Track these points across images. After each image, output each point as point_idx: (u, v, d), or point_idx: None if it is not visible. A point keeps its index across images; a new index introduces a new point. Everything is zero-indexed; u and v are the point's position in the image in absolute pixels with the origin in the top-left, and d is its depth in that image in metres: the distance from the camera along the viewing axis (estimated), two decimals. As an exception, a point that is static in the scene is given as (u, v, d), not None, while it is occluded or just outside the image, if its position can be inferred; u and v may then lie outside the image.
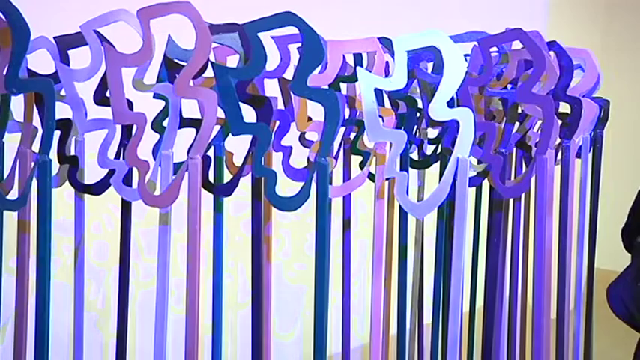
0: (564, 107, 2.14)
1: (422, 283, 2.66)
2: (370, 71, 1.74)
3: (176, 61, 1.76)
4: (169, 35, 1.73)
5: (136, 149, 1.70)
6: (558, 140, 2.21)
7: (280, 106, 2.01)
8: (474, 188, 2.59)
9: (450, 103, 2.08)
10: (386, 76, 1.76)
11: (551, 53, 2.10)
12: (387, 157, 1.82)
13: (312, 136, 2.11)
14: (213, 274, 2.07)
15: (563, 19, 5.15)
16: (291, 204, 1.63)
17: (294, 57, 1.80)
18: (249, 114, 1.70)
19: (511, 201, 2.42)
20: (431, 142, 2.44)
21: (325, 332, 1.65)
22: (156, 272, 1.70)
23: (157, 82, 1.76)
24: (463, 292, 2.74)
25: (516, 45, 2.03)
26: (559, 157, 2.28)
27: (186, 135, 1.80)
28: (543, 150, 1.91)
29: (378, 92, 2.20)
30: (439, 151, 2.37)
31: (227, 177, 1.98)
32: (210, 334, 2.10)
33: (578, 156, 2.53)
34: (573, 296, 2.53)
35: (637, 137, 5.13)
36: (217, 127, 1.96)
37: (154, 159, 1.77)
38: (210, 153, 1.98)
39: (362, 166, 2.17)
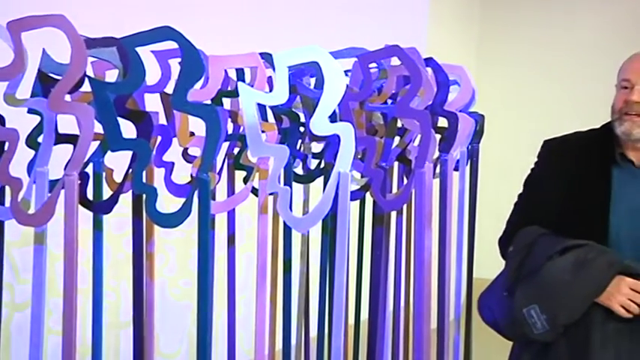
0: (444, 122, 2.21)
1: (308, 296, 2.67)
2: (252, 86, 1.74)
3: (51, 75, 1.70)
4: (44, 49, 1.68)
5: (8, 166, 1.63)
6: (438, 154, 2.28)
7: (163, 121, 1.98)
8: (357, 202, 2.64)
9: (333, 118, 2.12)
10: (270, 91, 1.76)
11: (429, 69, 2.17)
12: (269, 171, 1.82)
13: (196, 151, 2.09)
14: (93, 293, 2.01)
15: (441, 37, 5.33)
16: (172, 220, 1.60)
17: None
18: (129, 129, 1.67)
19: (394, 215, 2.47)
20: (315, 156, 2.47)
21: (209, 349, 1.63)
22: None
23: (31, 96, 1.70)
24: (348, 305, 2.78)
25: (396, 61, 2.09)
26: (438, 170, 2.35)
27: (63, 151, 1.75)
28: (421, 163, 1.96)
29: (262, 107, 2.20)
30: (323, 165, 2.39)
31: (108, 194, 1.93)
32: (90, 355, 2.03)
33: (456, 169, 2.61)
34: (453, 306, 2.60)
35: (511, 150, 5.35)
36: (96, 143, 1.91)
37: (29, 176, 1.71)
38: (89, 169, 1.93)
39: (246, 180, 2.17)
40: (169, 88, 1.80)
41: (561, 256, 1.90)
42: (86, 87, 1.64)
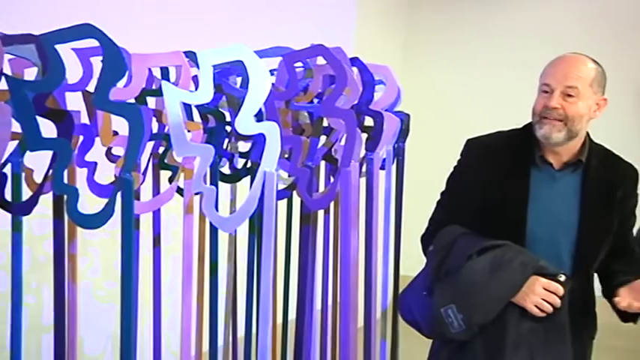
0: (370, 121, 2.22)
1: (235, 296, 2.66)
2: (177, 85, 1.72)
3: (-35, 73, 1.65)
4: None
5: None
6: (364, 153, 2.29)
7: (85, 120, 1.94)
8: (285, 201, 2.64)
9: (259, 117, 2.11)
10: (196, 90, 1.75)
11: (354, 69, 2.18)
12: (195, 171, 1.81)
13: (120, 150, 2.05)
14: (12, 296, 1.96)
15: (368, 36, 5.37)
16: (94, 221, 1.57)
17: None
18: (51, 129, 1.63)
19: (321, 213, 2.48)
20: (242, 155, 2.45)
21: (133, 352, 1.60)
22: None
23: (-56, 95, 1.64)
24: (276, 305, 2.78)
25: (322, 60, 2.09)
26: (364, 169, 2.37)
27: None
28: (347, 162, 1.97)
29: (188, 106, 2.18)
30: (250, 164, 2.38)
31: (28, 194, 1.88)
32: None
33: (382, 168, 2.63)
34: (380, 304, 2.62)
35: (436, 148, 5.44)
36: (15, 143, 1.86)
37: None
38: (7, 170, 1.87)
39: (171, 180, 2.14)
40: (91, 87, 1.77)
41: (479, 257, 1.93)
42: (3, 85, 1.59)
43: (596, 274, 2.18)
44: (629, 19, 5.77)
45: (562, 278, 1.91)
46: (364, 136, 2.35)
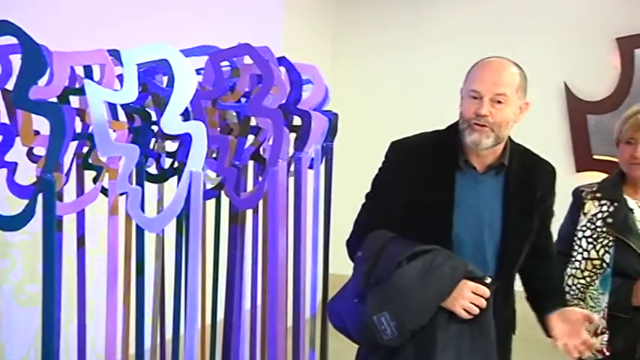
0: (299, 120, 2.22)
1: (163, 298, 2.62)
2: (100, 84, 1.69)
3: None
4: None
5: None
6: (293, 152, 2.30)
7: (5, 119, 1.89)
8: (214, 200, 2.62)
9: (186, 117, 2.09)
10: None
11: (282, 68, 2.18)
12: (119, 171, 1.78)
13: (41, 151, 2.01)
14: None
15: (296, 37, 5.37)
16: (14, 223, 1.54)
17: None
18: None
19: (250, 213, 2.47)
20: (169, 155, 2.42)
21: (55, 356, 1.57)
22: None
23: None
24: (205, 305, 2.76)
25: (250, 60, 2.09)
26: (293, 168, 2.37)
27: None
28: (274, 162, 1.97)
29: (113, 106, 2.15)
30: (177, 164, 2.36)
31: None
32: None
33: (311, 167, 2.64)
34: (309, 304, 2.63)
35: (366, 148, 5.49)
36: None
37: None
38: None
39: (95, 180, 2.10)
40: (11, 85, 1.72)
41: (409, 263, 1.95)
42: None
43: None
44: (548, 20, 5.95)
45: (488, 281, 1.94)
46: (293, 135, 2.35)
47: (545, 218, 2.16)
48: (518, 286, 2.20)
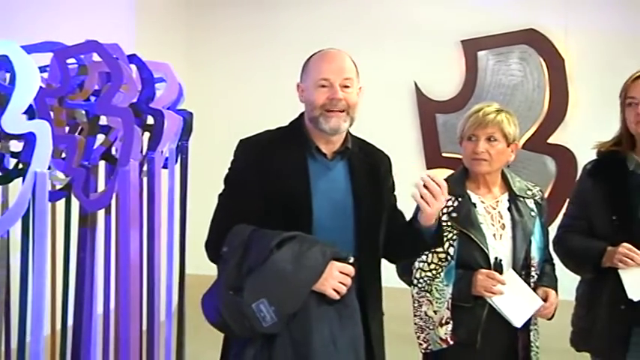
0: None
1: (9, 303, 2.50)
2: None
3: None
4: None
5: None
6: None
7: None
8: (63, 201, 2.52)
9: (31, 116, 2.00)
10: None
11: (133, 66, 2.13)
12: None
13: None
14: None
15: (150, 35, 5.26)
16: None
17: None
18: None
19: (102, 215, 2.40)
20: (13, 155, 2.31)
21: None
22: None
23: None
24: (55, 310, 2.66)
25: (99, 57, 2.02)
26: (146, 168, 2.32)
27: None
28: (125, 161, 1.92)
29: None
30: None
31: None
32: None
33: (165, 167, 2.60)
34: (164, 305, 2.58)
35: (221, 147, 5.47)
36: None
37: None
38: None
39: None
40: None
41: (280, 249, 1.97)
42: None
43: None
44: (397, 22, 6.17)
45: (351, 260, 2.00)
46: (147, 134, 2.30)
47: (391, 195, 2.26)
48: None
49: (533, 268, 2.36)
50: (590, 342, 2.45)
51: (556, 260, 2.53)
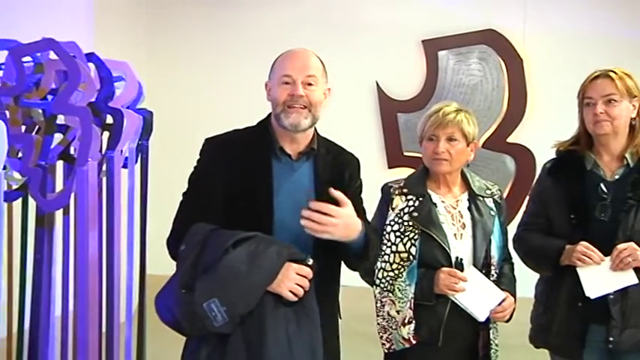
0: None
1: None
2: None
3: None
4: None
5: None
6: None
7: None
8: (19, 202, 2.48)
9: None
10: None
11: (91, 64, 2.10)
12: None
13: None
14: None
15: (110, 37, 5.19)
16: None
17: None
18: None
19: (60, 215, 2.36)
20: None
21: None
22: None
23: None
24: (12, 313, 2.61)
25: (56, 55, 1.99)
26: (105, 168, 2.29)
27: None
28: (83, 161, 1.90)
29: None
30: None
31: None
32: None
33: (125, 166, 2.57)
34: (124, 306, 2.55)
35: (183, 146, 5.42)
36: None
37: None
38: None
39: None
40: None
41: (235, 249, 1.96)
42: None
43: None
44: (359, 22, 6.20)
45: (310, 262, 2.00)
46: (106, 134, 2.27)
47: (357, 200, 2.24)
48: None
49: (492, 267, 2.38)
50: (548, 339, 2.48)
51: (516, 259, 2.56)
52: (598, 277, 2.34)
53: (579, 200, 2.42)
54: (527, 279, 2.61)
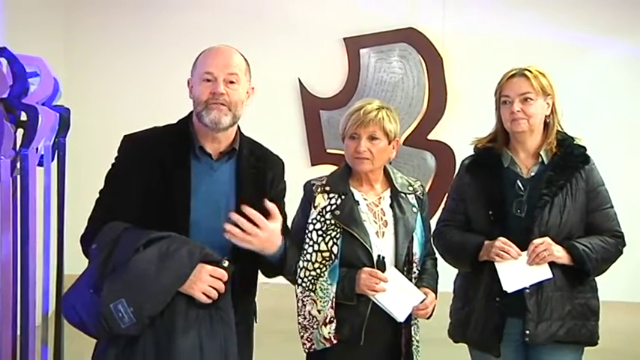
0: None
1: None
2: None
3: None
4: None
5: None
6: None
7: None
8: None
9: None
10: None
11: (3, 60, 2.03)
12: None
13: None
14: None
15: (24, 34, 5.03)
16: None
17: None
18: None
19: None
20: None
21: None
22: None
23: None
24: None
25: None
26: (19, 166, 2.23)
27: None
28: (-6, 159, 1.83)
29: None
30: None
31: None
32: None
33: (41, 164, 2.50)
34: (40, 308, 2.48)
35: (102, 143, 5.31)
36: None
37: None
38: None
39: None
40: None
41: (146, 249, 1.93)
42: None
43: None
44: (280, 20, 6.21)
45: (225, 264, 1.98)
46: (21, 131, 2.21)
47: (278, 203, 2.22)
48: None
49: (414, 264, 2.39)
50: (467, 333, 2.52)
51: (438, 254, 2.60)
52: (515, 272, 2.40)
53: (497, 197, 2.48)
54: (447, 274, 2.65)
